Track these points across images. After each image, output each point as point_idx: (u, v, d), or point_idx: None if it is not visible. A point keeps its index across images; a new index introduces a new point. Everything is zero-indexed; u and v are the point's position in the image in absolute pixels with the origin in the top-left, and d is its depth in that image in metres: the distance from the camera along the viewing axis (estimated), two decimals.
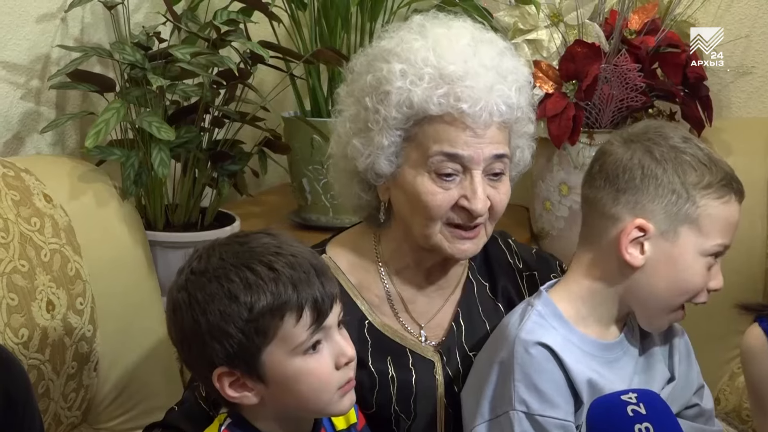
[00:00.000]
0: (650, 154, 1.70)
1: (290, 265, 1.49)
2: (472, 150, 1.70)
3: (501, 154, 1.73)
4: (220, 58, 2.25)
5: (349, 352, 1.54)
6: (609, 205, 1.71)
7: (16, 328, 1.85)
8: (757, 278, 2.43)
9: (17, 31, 2.26)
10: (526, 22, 2.48)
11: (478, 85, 1.69)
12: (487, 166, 1.72)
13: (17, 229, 1.91)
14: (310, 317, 1.49)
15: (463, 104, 1.68)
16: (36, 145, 2.33)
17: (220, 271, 1.49)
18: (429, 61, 1.70)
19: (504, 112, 1.70)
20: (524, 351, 1.68)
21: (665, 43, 2.45)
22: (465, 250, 1.76)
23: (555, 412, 1.66)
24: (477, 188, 1.71)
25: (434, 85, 1.69)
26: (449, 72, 1.69)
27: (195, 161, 2.33)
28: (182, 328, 1.53)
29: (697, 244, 1.69)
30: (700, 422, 1.84)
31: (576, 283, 1.76)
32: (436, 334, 1.86)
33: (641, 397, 1.56)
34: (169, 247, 2.29)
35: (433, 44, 1.71)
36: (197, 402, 1.76)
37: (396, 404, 1.80)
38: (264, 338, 1.48)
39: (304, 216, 2.64)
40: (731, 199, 1.70)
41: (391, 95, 1.70)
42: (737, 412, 2.45)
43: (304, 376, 1.50)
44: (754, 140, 2.52)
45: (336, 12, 2.54)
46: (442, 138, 1.70)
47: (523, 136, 1.80)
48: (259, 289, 1.47)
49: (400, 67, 1.70)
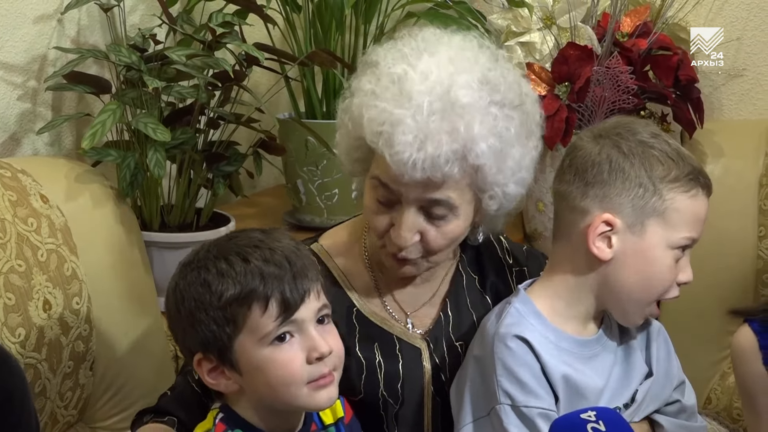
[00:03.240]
0: (618, 148, 1.71)
1: (264, 258, 1.55)
2: (402, 187, 1.70)
3: (436, 199, 1.70)
4: (215, 60, 2.26)
5: (322, 348, 1.56)
6: (578, 198, 1.72)
7: (13, 327, 1.86)
8: (748, 278, 2.44)
9: (14, 32, 2.27)
10: (519, 25, 2.50)
11: (406, 138, 1.65)
12: (422, 206, 1.71)
13: (14, 229, 1.92)
14: (276, 309, 1.53)
15: (387, 150, 1.66)
16: (32, 146, 2.34)
17: (202, 261, 1.57)
18: (387, 91, 1.69)
19: (426, 171, 1.65)
20: (503, 345, 1.69)
21: (657, 46, 2.47)
22: (403, 271, 1.80)
23: (538, 402, 1.68)
24: (402, 222, 1.71)
25: (377, 120, 1.68)
26: (390, 113, 1.67)
27: (190, 162, 2.34)
28: (170, 315, 1.61)
29: (664, 237, 1.70)
30: (682, 418, 1.84)
31: (551, 279, 1.78)
32: (423, 323, 1.88)
33: (600, 414, 1.57)
34: (164, 248, 2.30)
35: (399, 77, 1.69)
36: (189, 385, 1.80)
37: (383, 389, 1.82)
38: (234, 327, 1.54)
39: (298, 217, 2.65)
40: (698, 193, 1.71)
41: (353, 109, 1.74)
42: (728, 412, 2.46)
43: (272, 366, 1.54)
44: (746, 142, 2.53)
45: (330, 14, 2.55)
46: (380, 165, 1.72)
47: (494, 184, 1.73)
48: (228, 279, 1.53)
49: (368, 87, 1.72)
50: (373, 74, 1.73)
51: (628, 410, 1.78)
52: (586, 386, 1.72)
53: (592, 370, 1.74)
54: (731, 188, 2.45)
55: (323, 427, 1.68)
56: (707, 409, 2.47)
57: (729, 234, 2.43)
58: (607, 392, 1.75)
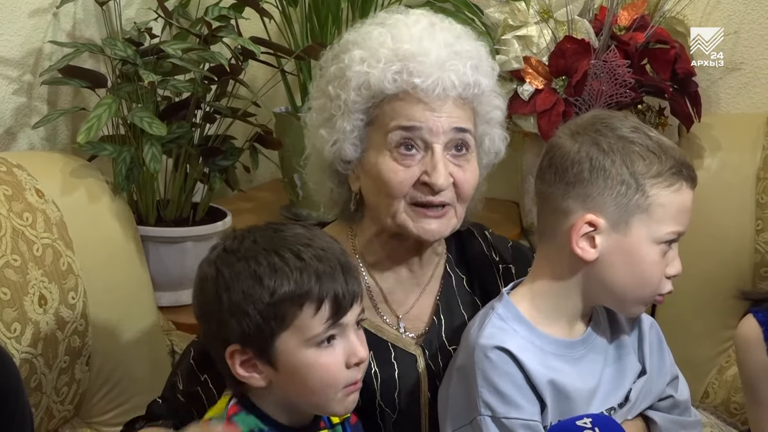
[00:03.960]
0: (597, 145, 1.67)
1: (318, 257, 1.53)
2: (430, 122, 1.72)
3: (461, 128, 1.74)
4: (211, 54, 2.25)
5: (361, 353, 1.56)
6: (560, 199, 1.69)
7: (9, 322, 1.86)
8: (745, 272, 2.44)
9: (9, 26, 2.27)
10: (516, 18, 2.49)
11: (430, 60, 1.71)
12: (448, 141, 1.73)
13: (9, 223, 1.91)
14: (328, 311, 1.52)
15: (416, 79, 1.71)
16: (28, 140, 2.34)
17: (250, 252, 1.53)
18: (385, 43, 1.74)
19: (458, 86, 1.72)
20: (484, 356, 1.67)
21: (654, 39, 2.46)
22: (431, 229, 1.76)
23: (519, 413, 1.65)
24: (438, 162, 1.72)
25: (389, 65, 1.72)
26: (403, 50, 1.72)
27: (186, 157, 2.34)
28: (206, 301, 1.57)
29: (649, 233, 1.66)
30: (676, 413, 1.82)
31: (535, 281, 1.75)
32: (416, 327, 1.87)
33: (596, 421, 1.57)
34: (160, 242, 2.30)
35: (390, 29, 1.76)
36: (176, 396, 1.78)
37: (380, 399, 1.80)
38: (281, 324, 1.51)
39: (295, 211, 2.65)
40: (682, 186, 1.68)
41: (351, 80, 1.74)
42: (725, 406, 2.46)
43: (314, 368, 1.53)
44: (743, 136, 2.53)
45: (327, 8, 2.55)
46: (399, 114, 1.73)
47: (490, 123, 1.81)
48: (283, 275, 1.51)
49: (359, 53, 1.74)
50: (357, 45, 1.76)
51: (623, 409, 1.76)
52: (574, 389, 1.69)
53: (580, 372, 1.72)
54: (728, 182, 2.45)
55: (331, 426, 1.67)
56: (705, 403, 2.47)
57: (726, 228, 2.44)
58: (599, 393, 1.73)
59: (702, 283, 2.36)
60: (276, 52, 2.46)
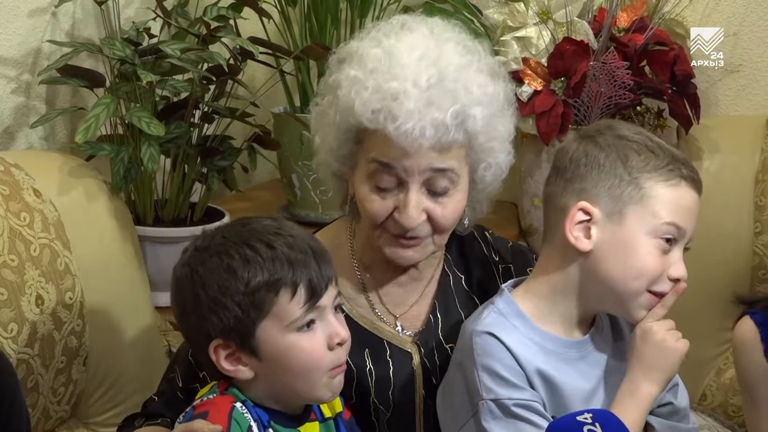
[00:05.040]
0: (595, 143, 1.70)
1: (288, 245, 1.56)
2: (405, 162, 1.69)
3: (440, 168, 1.70)
4: (209, 54, 2.25)
5: (343, 334, 1.59)
6: (559, 196, 1.71)
7: (6, 322, 1.85)
8: (743, 275, 2.44)
9: (8, 25, 2.26)
10: (515, 20, 2.49)
11: (408, 107, 1.66)
12: (425, 180, 1.71)
13: (6, 223, 1.91)
14: (304, 295, 1.55)
15: (391, 124, 1.66)
16: (26, 140, 2.34)
17: (221, 247, 1.57)
18: (377, 70, 1.70)
19: (434, 136, 1.67)
20: (480, 341, 1.68)
21: (653, 41, 2.46)
22: (405, 256, 1.77)
23: (520, 394, 1.66)
24: (409, 202, 1.70)
25: (372, 97, 1.68)
26: (387, 87, 1.68)
27: (184, 157, 2.34)
28: (184, 301, 1.59)
29: (644, 224, 1.67)
30: (675, 420, 1.83)
31: (536, 280, 1.76)
32: (413, 325, 1.87)
33: (596, 417, 1.57)
34: (158, 242, 2.30)
35: (386, 53, 1.71)
36: (175, 393, 1.79)
37: (374, 397, 1.81)
38: (259, 313, 1.54)
39: (293, 212, 2.64)
40: (680, 183, 1.68)
41: (340, 100, 1.72)
42: (723, 408, 2.46)
43: (297, 353, 1.56)
44: (742, 138, 2.53)
45: (326, 8, 2.55)
46: (377, 147, 1.70)
47: (490, 151, 1.76)
48: (256, 265, 1.54)
49: (353, 73, 1.71)
50: (355, 61, 1.73)
51: None
52: (571, 388, 1.70)
53: (577, 372, 1.72)
54: (727, 184, 2.45)
55: (323, 420, 1.68)
56: (702, 406, 2.47)
57: (725, 230, 2.43)
58: (597, 395, 1.73)
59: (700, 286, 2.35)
60: (275, 53, 2.45)
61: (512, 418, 1.65)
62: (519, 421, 1.65)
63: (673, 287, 1.71)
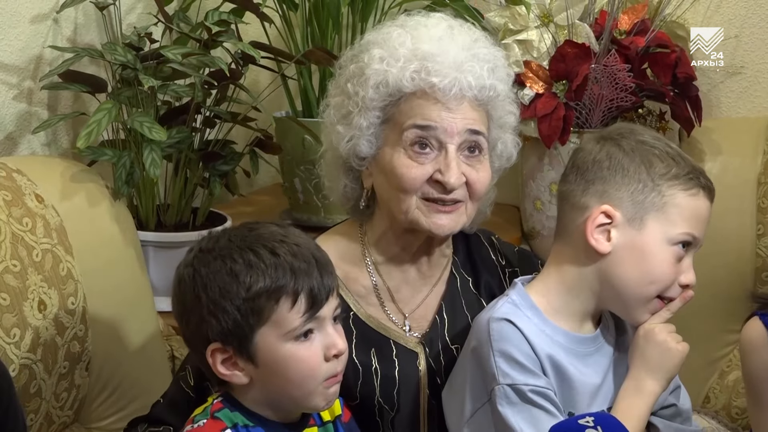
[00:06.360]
0: (619, 146, 1.74)
1: (292, 253, 1.57)
2: (445, 122, 1.76)
3: (475, 130, 1.78)
4: (211, 59, 2.25)
5: (340, 345, 1.59)
6: (578, 196, 1.75)
7: (8, 327, 1.85)
8: (746, 277, 2.44)
9: (9, 31, 2.27)
10: (517, 23, 2.49)
11: (448, 61, 1.76)
12: (462, 142, 1.77)
13: (9, 229, 1.91)
14: (304, 304, 1.55)
15: (434, 78, 1.75)
16: (29, 146, 2.34)
17: (226, 251, 1.57)
18: (405, 43, 1.78)
19: (474, 88, 1.77)
20: (497, 327, 1.71)
21: (655, 44, 2.46)
22: (442, 225, 1.80)
23: (536, 380, 1.68)
24: (451, 162, 1.76)
25: (408, 64, 1.76)
26: (422, 50, 1.77)
27: (186, 161, 2.34)
28: (184, 301, 1.60)
29: (663, 232, 1.71)
30: (677, 422, 1.85)
31: (550, 276, 1.79)
32: (420, 326, 1.89)
33: (598, 420, 1.58)
34: (160, 247, 2.30)
35: (410, 30, 1.80)
36: (184, 392, 1.80)
37: (379, 396, 1.83)
38: (258, 319, 1.55)
39: (295, 216, 2.64)
40: (699, 193, 1.73)
41: (370, 78, 1.78)
42: (727, 411, 2.46)
43: (293, 362, 1.56)
44: (744, 140, 2.52)
45: (327, 12, 2.55)
46: (416, 113, 1.77)
47: (503, 127, 1.86)
48: (258, 271, 1.55)
49: (379, 52, 1.79)
50: (379, 44, 1.81)
51: None
52: (580, 382, 1.73)
53: (587, 367, 1.75)
54: (729, 186, 2.44)
55: (322, 424, 1.69)
56: (706, 408, 2.47)
57: (727, 232, 2.43)
58: (603, 390, 1.75)
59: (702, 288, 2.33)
60: (276, 57, 2.46)
61: (528, 404, 1.67)
62: (534, 408, 1.67)
63: (681, 293, 1.74)
